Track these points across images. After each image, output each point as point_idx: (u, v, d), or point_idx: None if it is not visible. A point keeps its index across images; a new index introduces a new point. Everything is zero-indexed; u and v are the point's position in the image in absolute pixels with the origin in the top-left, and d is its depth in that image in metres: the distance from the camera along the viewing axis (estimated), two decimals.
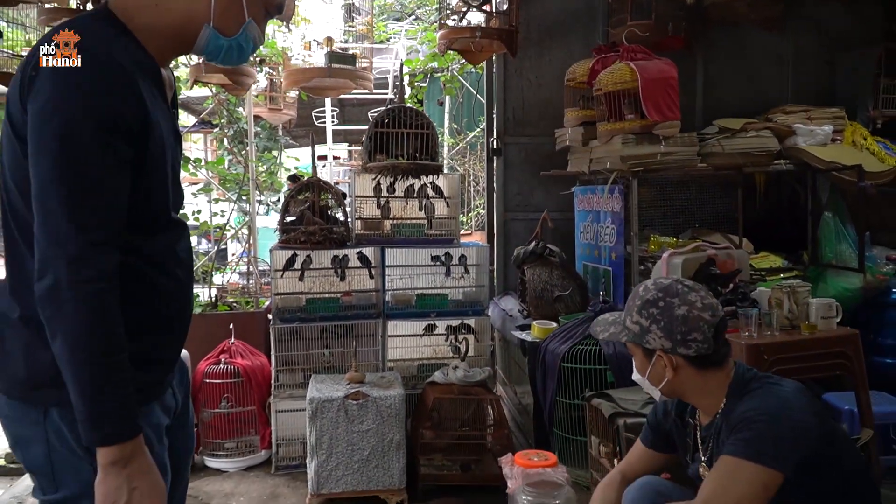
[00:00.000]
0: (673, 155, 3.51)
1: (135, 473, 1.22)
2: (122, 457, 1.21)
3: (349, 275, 3.91)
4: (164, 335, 1.42)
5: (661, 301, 1.74)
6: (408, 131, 3.67)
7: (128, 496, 1.21)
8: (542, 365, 3.25)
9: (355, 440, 3.23)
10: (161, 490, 1.28)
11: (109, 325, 1.21)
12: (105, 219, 1.22)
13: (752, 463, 1.55)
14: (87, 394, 1.19)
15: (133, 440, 1.23)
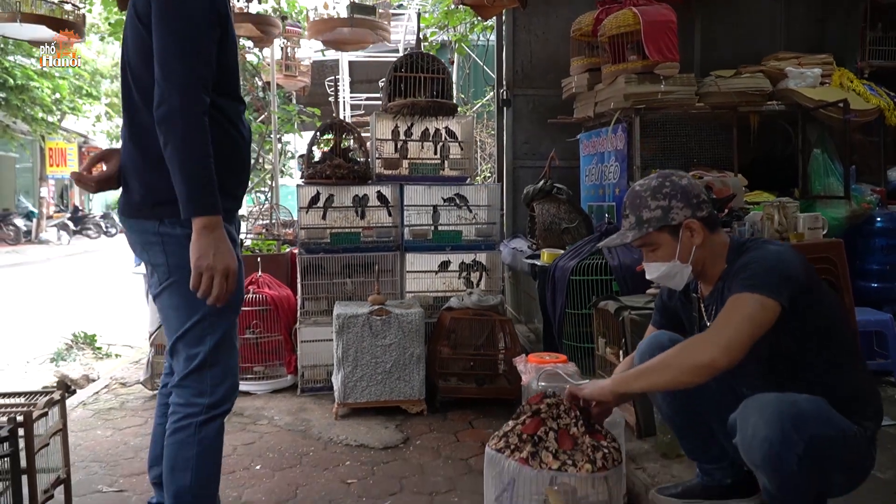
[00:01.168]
0: (673, 94, 3.78)
1: (218, 238, 1.74)
2: (209, 224, 1.73)
3: (369, 213, 4.17)
4: (235, 176, 1.95)
5: (665, 183, 1.94)
6: (424, 76, 3.93)
7: (214, 250, 1.73)
8: (551, 283, 3.51)
9: (379, 353, 3.49)
10: (233, 255, 1.77)
11: (204, 140, 1.74)
12: (205, 74, 1.76)
13: (751, 293, 1.74)
14: (189, 182, 1.72)
15: (217, 216, 1.75)
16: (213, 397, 1.86)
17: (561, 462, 1.72)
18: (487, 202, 4.20)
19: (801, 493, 1.71)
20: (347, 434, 3.24)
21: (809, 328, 1.81)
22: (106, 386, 4.22)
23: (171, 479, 1.85)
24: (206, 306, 1.80)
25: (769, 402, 1.69)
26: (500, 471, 1.76)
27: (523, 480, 1.73)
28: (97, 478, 2.77)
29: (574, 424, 1.81)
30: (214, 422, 1.87)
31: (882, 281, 3.80)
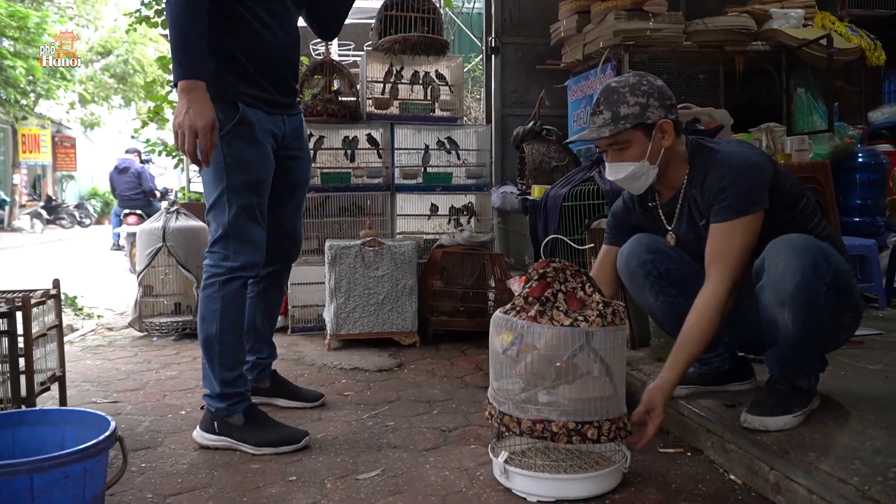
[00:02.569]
0: (661, 31, 3.83)
1: (193, 100, 1.93)
2: (186, 87, 1.94)
3: (359, 156, 4.17)
4: (262, 67, 2.13)
5: (643, 81, 1.93)
6: (415, 15, 3.94)
7: (185, 109, 1.93)
8: (543, 213, 3.53)
9: (371, 284, 3.49)
10: (206, 115, 1.94)
11: (193, 10, 1.95)
12: None
13: (740, 218, 1.81)
14: (174, 45, 1.97)
15: (195, 80, 1.94)
16: (234, 262, 2.11)
17: (572, 319, 1.74)
18: (477, 146, 4.22)
19: (823, 332, 1.80)
20: (341, 360, 3.24)
21: (784, 199, 1.89)
22: (93, 330, 4.18)
23: (202, 328, 2.14)
24: (224, 183, 2.08)
25: (797, 239, 1.77)
26: (508, 328, 1.78)
27: (531, 335, 1.75)
28: (90, 393, 2.75)
29: (581, 288, 1.83)
30: (236, 281, 2.12)
31: (863, 215, 3.88)
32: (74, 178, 23.63)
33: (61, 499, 1.24)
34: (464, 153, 4.22)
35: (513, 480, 1.77)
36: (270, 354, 2.51)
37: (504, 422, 1.79)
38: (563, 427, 1.72)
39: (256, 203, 2.14)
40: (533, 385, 1.78)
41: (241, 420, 2.10)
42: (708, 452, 1.99)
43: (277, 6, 2.15)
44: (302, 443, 2.09)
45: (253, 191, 2.13)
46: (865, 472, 1.55)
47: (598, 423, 1.74)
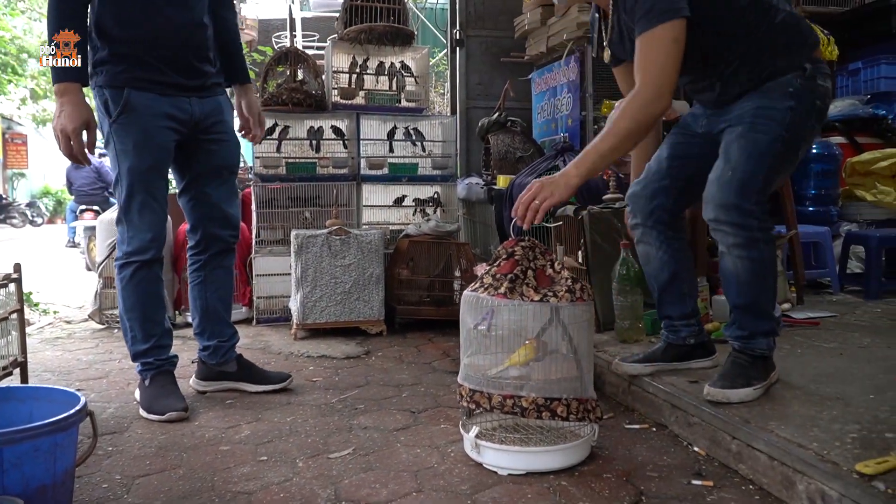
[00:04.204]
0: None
1: (65, 103, 2.05)
2: (59, 91, 2.07)
3: (324, 147, 4.15)
4: (155, 49, 2.18)
5: None
6: (381, 5, 3.94)
7: (59, 112, 2.05)
8: (509, 202, 3.56)
9: (338, 273, 3.48)
10: (76, 117, 2.05)
11: (66, 18, 2.08)
12: None
13: (657, 26, 1.78)
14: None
15: (64, 83, 2.07)
16: (128, 247, 2.23)
17: (542, 295, 1.77)
18: (443, 137, 4.24)
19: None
20: (308, 349, 3.23)
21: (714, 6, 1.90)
22: (50, 323, 4.08)
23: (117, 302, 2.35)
24: (118, 169, 2.19)
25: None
26: (479, 305, 1.80)
27: (501, 311, 1.77)
28: (51, 382, 2.69)
29: (550, 265, 1.87)
30: (130, 267, 2.24)
31: (817, 204, 4.01)
32: (26, 175, 22.94)
33: (31, 472, 1.22)
34: (429, 144, 4.24)
35: (484, 455, 1.80)
36: (231, 336, 2.53)
37: (474, 398, 1.81)
38: (532, 402, 1.76)
39: (147, 188, 2.22)
40: (502, 361, 1.81)
41: (147, 384, 2.29)
42: (672, 427, 2.04)
43: None
44: (177, 413, 2.18)
45: (142, 176, 2.20)
46: (824, 438, 1.61)
47: (567, 401, 1.78)
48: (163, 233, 2.29)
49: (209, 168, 2.39)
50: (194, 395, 2.48)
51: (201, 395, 2.49)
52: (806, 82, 1.93)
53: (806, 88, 1.93)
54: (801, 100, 1.93)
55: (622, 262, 2.69)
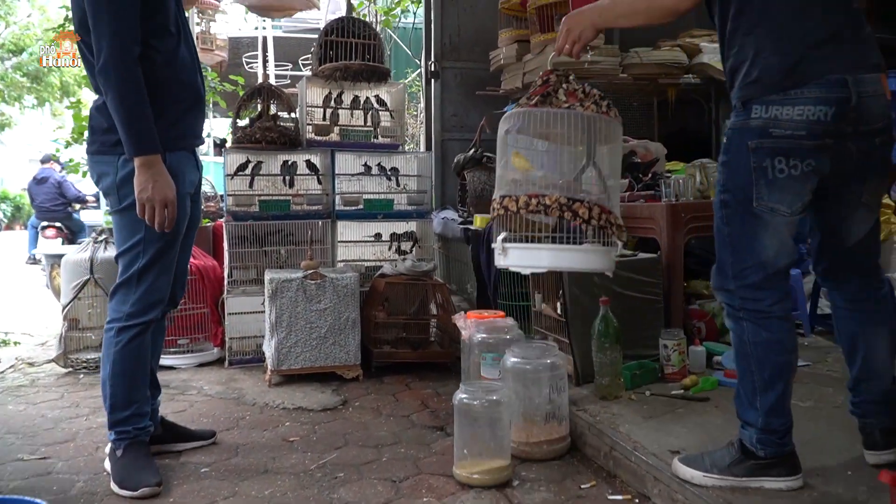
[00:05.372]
0: (599, 64, 3.91)
1: (156, 173, 2.09)
2: (146, 162, 2.07)
3: (298, 182, 4.09)
4: (178, 108, 2.23)
5: None
6: (356, 41, 3.89)
7: (152, 183, 2.08)
8: (486, 245, 3.55)
9: (313, 318, 3.43)
10: (171, 186, 2.12)
11: (136, 87, 2.06)
12: (128, 27, 2.05)
13: None
14: (126, 126, 2.06)
15: (153, 155, 2.08)
16: (134, 307, 2.22)
17: (569, 105, 1.89)
18: (418, 172, 4.21)
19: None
20: (283, 399, 3.17)
21: None
22: (12, 366, 3.94)
23: (102, 368, 2.28)
24: (143, 232, 2.17)
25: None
26: (510, 117, 1.96)
27: (531, 118, 1.91)
28: (15, 448, 2.59)
29: (581, 90, 1.97)
30: (131, 330, 2.22)
31: None
32: None
33: None
34: (404, 178, 4.20)
35: (509, 256, 1.91)
36: (157, 397, 2.52)
37: (504, 203, 1.92)
38: (555, 201, 1.85)
39: (169, 255, 2.26)
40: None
41: (119, 455, 2.23)
42: (655, 500, 2.03)
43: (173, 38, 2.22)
44: (150, 489, 2.13)
45: (168, 243, 2.23)
46: None
47: (590, 205, 1.86)
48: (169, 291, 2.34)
49: (187, 227, 2.37)
50: (167, 463, 2.41)
51: (174, 462, 2.42)
52: (737, 120, 1.80)
53: (735, 130, 1.79)
54: (729, 147, 1.81)
55: (601, 318, 2.69)
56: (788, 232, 1.80)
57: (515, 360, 2.48)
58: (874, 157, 1.78)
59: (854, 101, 1.69)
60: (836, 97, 1.68)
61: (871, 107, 1.72)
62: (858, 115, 1.71)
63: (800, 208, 1.77)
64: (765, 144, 1.73)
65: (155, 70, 2.14)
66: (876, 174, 1.82)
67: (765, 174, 1.74)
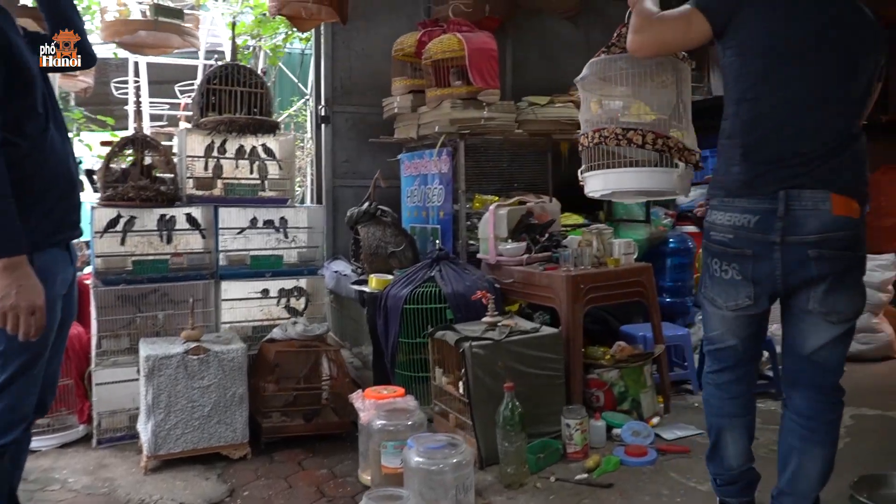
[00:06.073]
0: (495, 120, 3.88)
1: (20, 276, 1.80)
2: (8, 265, 1.78)
3: (176, 237, 3.78)
4: (51, 201, 1.98)
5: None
6: (241, 89, 3.65)
7: (16, 289, 1.78)
8: (383, 311, 3.41)
9: (196, 396, 3.16)
10: (39, 291, 1.83)
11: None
12: None
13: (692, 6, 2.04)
14: None
15: (17, 256, 1.80)
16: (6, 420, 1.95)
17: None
18: (309, 224, 4.01)
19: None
20: (162, 492, 2.88)
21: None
22: None
23: None
24: (4, 343, 1.89)
25: None
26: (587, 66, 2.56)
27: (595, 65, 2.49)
28: None
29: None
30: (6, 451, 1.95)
31: (674, 296, 4.20)
32: None
33: None
34: (294, 231, 3.99)
35: (587, 185, 2.54)
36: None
37: (580, 141, 2.42)
38: (612, 132, 2.28)
39: (36, 367, 2.00)
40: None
41: None
42: None
43: (41, 120, 1.97)
44: None
45: (35, 355, 1.97)
46: None
47: (643, 132, 2.24)
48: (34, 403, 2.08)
49: (60, 326, 2.10)
50: None
51: None
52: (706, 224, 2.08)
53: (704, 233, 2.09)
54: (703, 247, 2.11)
55: (506, 405, 2.63)
56: (736, 322, 2.04)
57: (420, 461, 2.35)
58: (810, 267, 1.90)
59: (781, 212, 1.88)
60: (762, 207, 1.90)
61: (803, 219, 1.87)
62: (786, 225, 1.88)
63: (735, 306, 2.01)
64: (708, 246, 2.06)
65: (20, 158, 1.88)
66: (821, 284, 1.92)
67: (708, 270, 2.07)
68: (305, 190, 5.78)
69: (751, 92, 1.97)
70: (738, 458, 2.16)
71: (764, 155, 1.93)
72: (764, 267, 1.93)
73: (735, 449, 2.15)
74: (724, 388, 2.15)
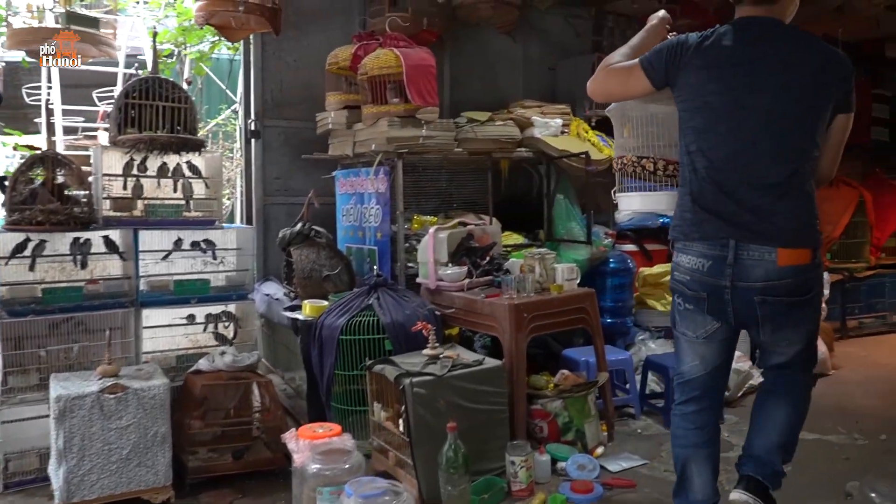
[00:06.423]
0: (434, 138, 3.76)
1: None
2: None
3: (92, 262, 3.51)
4: None
5: None
6: (163, 104, 3.41)
7: None
8: (318, 341, 3.24)
9: (113, 438, 2.92)
10: None
11: None
12: None
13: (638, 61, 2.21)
14: None
15: None
16: None
17: None
18: (238, 245, 3.79)
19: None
20: None
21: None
22: None
23: None
24: None
25: None
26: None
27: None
28: None
29: None
30: None
31: (614, 316, 4.17)
32: None
33: None
34: (222, 253, 3.76)
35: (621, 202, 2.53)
36: None
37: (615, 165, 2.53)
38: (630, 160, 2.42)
39: None
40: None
41: None
42: None
43: None
44: None
45: None
46: None
47: (655, 160, 2.36)
48: None
49: None
50: None
51: None
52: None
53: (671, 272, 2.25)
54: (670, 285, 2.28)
55: (450, 446, 2.52)
56: (708, 349, 2.20)
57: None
58: (756, 309, 2.07)
59: (730, 260, 2.04)
60: (714, 253, 2.06)
61: (750, 268, 2.02)
62: (735, 272, 2.04)
63: (704, 333, 2.18)
64: (673, 285, 2.23)
65: None
66: (768, 324, 2.09)
67: (675, 306, 2.25)
68: (235, 202, 5.53)
69: (693, 145, 2.11)
70: (703, 490, 2.22)
71: (708, 204, 2.07)
72: (717, 305, 2.10)
73: (700, 481, 2.22)
74: (689, 419, 2.24)
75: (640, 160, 2.36)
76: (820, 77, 2.01)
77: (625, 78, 2.19)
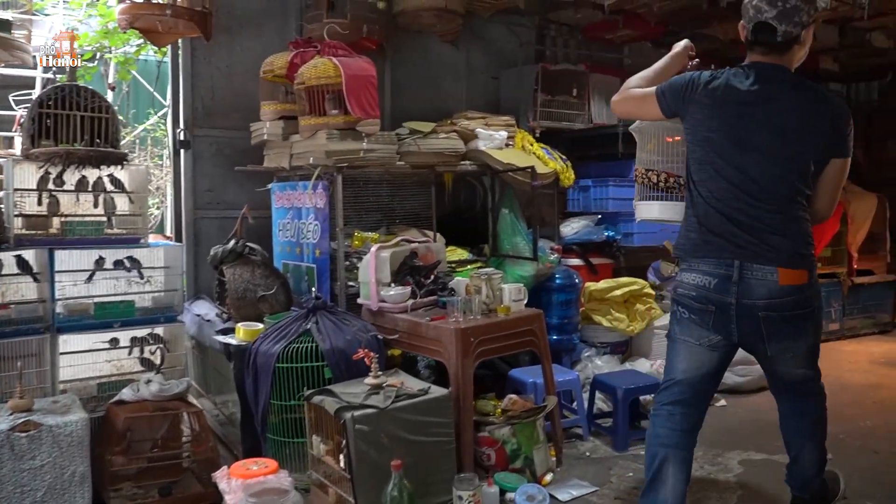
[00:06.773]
0: (375, 152, 3.61)
1: None
2: None
3: (3, 284, 3.22)
4: None
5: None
6: (81, 114, 3.16)
7: None
8: (252, 368, 3.05)
9: (25, 481, 2.68)
10: None
11: None
12: None
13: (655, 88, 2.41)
14: None
15: None
16: None
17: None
18: (166, 264, 3.56)
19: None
20: None
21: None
22: None
23: None
24: None
25: None
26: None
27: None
28: None
29: None
30: None
31: (560, 333, 4.11)
32: None
33: None
34: (149, 272, 3.52)
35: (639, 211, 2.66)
36: None
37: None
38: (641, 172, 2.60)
39: None
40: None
41: None
42: None
43: None
44: None
45: None
46: None
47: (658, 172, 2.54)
48: None
49: None
50: None
51: None
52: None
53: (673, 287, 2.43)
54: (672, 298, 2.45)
55: (395, 486, 2.38)
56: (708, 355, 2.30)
57: None
58: (760, 325, 2.21)
59: (735, 279, 2.20)
60: (719, 272, 2.23)
61: (754, 286, 2.18)
62: (739, 290, 2.20)
63: (708, 342, 2.29)
64: (676, 297, 2.37)
65: None
66: (774, 338, 2.24)
67: (676, 316, 2.38)
68: (166, 211, 5.24)
69: (696, 174, 2.30)
70: (674, 493, 2.28)
71: (713, 226, 2.24)
72: (722, 319, 2.25)
73: (674, 482, 2.29)
74: (675, 420, 2.34)
75: (647, 172, 2.58)
76: (816, 122, 2.19)
77: (640, 102, 2.42)
